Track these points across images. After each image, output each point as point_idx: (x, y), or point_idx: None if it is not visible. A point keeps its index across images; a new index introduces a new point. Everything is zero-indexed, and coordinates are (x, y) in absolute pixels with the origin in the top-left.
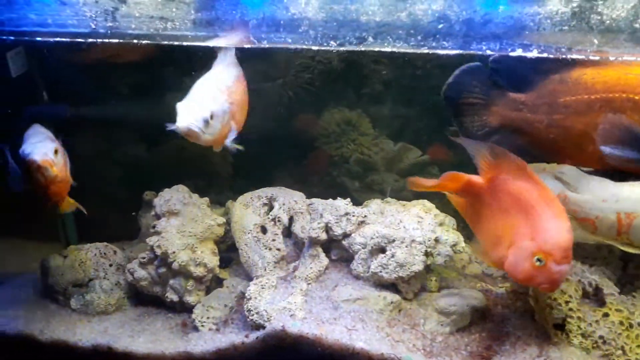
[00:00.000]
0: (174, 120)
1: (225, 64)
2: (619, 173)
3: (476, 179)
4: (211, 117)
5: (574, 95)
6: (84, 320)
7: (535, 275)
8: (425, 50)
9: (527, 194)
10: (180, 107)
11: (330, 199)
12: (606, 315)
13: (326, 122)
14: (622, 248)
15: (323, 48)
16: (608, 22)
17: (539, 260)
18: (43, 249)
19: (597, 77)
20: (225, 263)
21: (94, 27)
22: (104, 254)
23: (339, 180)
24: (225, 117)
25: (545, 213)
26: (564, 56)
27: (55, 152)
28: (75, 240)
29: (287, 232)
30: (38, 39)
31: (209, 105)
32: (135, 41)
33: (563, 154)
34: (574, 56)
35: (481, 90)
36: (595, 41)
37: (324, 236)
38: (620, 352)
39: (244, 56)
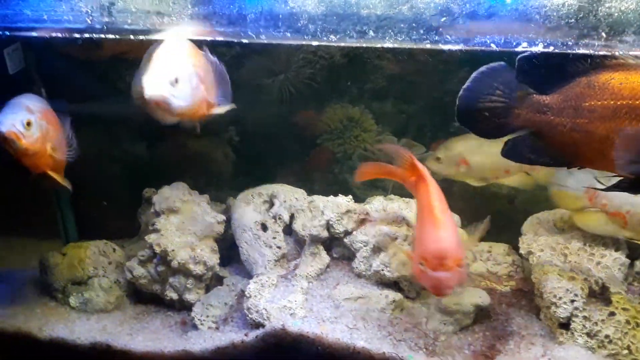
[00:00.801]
0: None
1: (171, 42)
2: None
3: (398, 172)
4: (177, 80)
5: (600, 100)
6: (83, 318)
7: (421, 277)
8: (428, 46)
9: (423, 199)
10: (144, 79)
11: (332, 196)
12: (612, 314)
13: (328, 118)
14: None
15: (323, 43)
16: (616, 14)
17: (421, 264)
18: (43, 246)
19: (625, 83)
20: (225, 261)
21: (90, 22)
22: (103, 251)
23: (341, 177)
24: (194, 80)
25: (430, 221)
26: (573, 51)
27: (28, 124)
28: (76, 238)
29: (288, 230)
30: (34, 34)
31: (174, 69)
32: (131, 37)
33: (584, 159)
34: (583, 51)
35: (503, 92)
36: (603, 34)
37: (325, 234)
38: (626, 351)
39: (244, 52)
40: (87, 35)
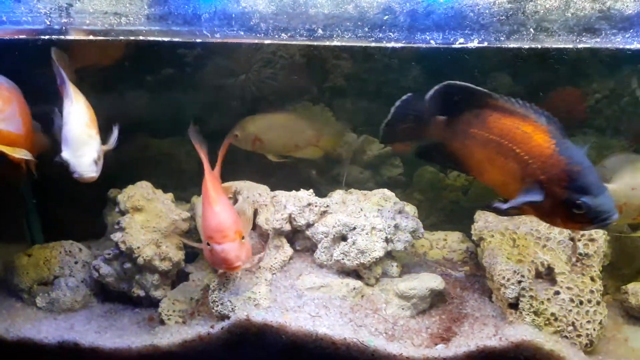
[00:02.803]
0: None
1: None
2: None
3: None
4: None
5: (480, 130)
6: (50, 318)
7: (211, 257)
8: (372, 44)
9: (203, 188)
10: None
11: (294, 191)
12: (557, 293)
13: None
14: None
15: (275, 42)
16: (542, 11)
17: (208, 244)
18: (9, 250)
19: (497, 122)
20: (191, 257)
21: (48, 23)
22: (69, 251)
23: (304, 173)
24: None
25: (206, 205)
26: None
27: None
28: (42, 241)
29: (252, 225)
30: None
31: None
32: (91, 37)
33: (472, 172)
34: (512, 45)
35: (413, 116)
36: (531, 30)
37: (287, 227)
38: (571, 327)
39: (205, 53)
40: (46, 37)
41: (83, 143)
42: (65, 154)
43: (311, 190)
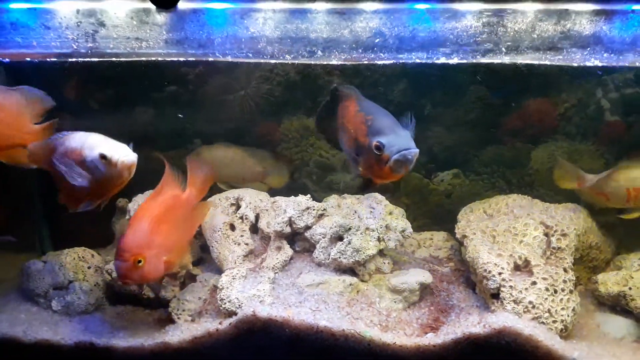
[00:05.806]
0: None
1: None
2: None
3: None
4: None
5: (340, 119)
6: (66, 321)
7: None
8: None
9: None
10: None
11: (293, 196)
12: (534, 283)
13: (286, 129)
14: (627, 216)
15: (280, 61)
16: (512, 33)
17: None
18: (19, 258)
19: (342, 108)
20: (197, 261)
21: (75, 47)
22: (83, 257)
23: (300, 181)
24: None
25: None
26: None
27: None
28: (50, 249)
29: (255, 229)
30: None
31: None
32: (114, 59)
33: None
34: (486, 60)
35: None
36: (503, 49)
37: (288, 230)
38: (547, 314)
39: (207, 70)
40: (73, 59)
41: (106, 139)
42: (102, 149)
43: (309, 195)
